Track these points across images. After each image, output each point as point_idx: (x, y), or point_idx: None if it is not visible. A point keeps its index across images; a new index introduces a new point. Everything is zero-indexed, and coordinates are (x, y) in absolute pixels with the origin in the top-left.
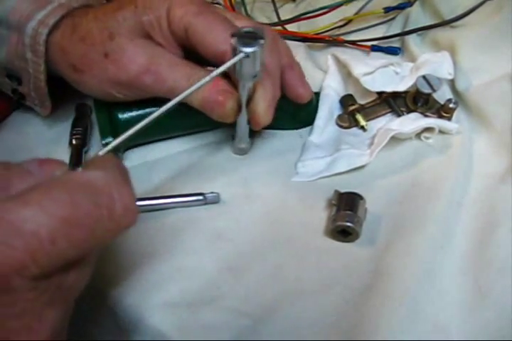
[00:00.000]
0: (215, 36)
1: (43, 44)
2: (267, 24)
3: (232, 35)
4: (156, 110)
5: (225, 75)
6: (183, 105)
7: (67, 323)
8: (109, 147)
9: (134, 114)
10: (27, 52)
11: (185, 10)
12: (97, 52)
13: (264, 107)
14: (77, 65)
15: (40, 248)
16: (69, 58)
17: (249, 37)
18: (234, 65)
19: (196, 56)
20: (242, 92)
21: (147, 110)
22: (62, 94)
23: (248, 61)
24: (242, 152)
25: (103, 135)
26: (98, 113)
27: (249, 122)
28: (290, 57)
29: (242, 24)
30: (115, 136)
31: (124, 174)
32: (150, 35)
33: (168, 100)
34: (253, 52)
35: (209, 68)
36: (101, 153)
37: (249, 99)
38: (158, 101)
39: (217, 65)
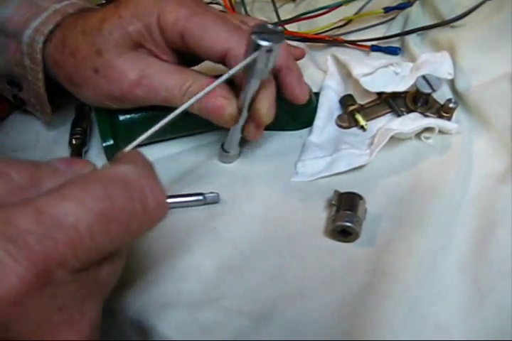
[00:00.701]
0: (212, 37)
1: (39, 52)
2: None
3: (251, 33)
4: (157, 111)
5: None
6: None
7: (101, 318)
8: (135, 143)
9: (134, 115)
10: (25, 60)
11: (177, 15)
12: (87, 67)
13: (267, 106)
14: (72, 79)
15: (80, 241)
16: (64, 72)
17: (268, 32)
18: (248, 62)
19: (190, 57)
20: (247, 92)
21: (148, 112)
22: (62, 94)
23: (265, 57)
24: (229, 159)
25: (103, 137)
26: (98, 115)
27: (242, 131)
28: (288, 57)
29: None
30: (116, 138)
31: (152, 169)
32: (140, 44)
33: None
34: (272, 47)
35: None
36: (127, 149)
37: (251, 102)
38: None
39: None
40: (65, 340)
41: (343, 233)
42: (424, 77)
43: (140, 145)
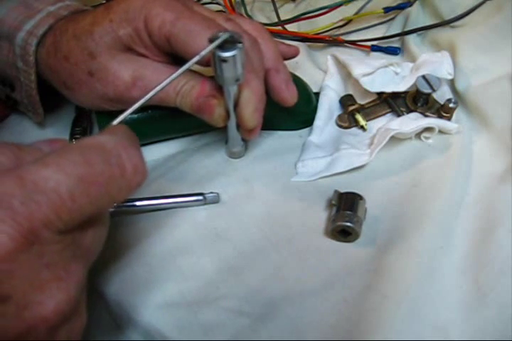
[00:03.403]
0: (197, 42)
1: (32, 54)
2: (266, 24)
3: (210, 41)
4: (157, 111)
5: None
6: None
7: (86, 288)
8: (119, 119)
9: (134, 116)
10: (18, 62)
11: (162, 19)
12: (81, 71)
13: (250, 111)
14: (66, 83)
15: (61, 204)
16: (58, 76)
17: (227, 41)
18: (215, 70)
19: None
20: (227, 97)
21: (148, 112)
22: (61, 94)
23: (228, 65)
24: (236, 155)
25: None
26: (98, 115)
27: (238, 128)
28: (277, 59)
29: (222, 23)
30: None
31: (132, 139)
32: (131, 48)
33: None
34: (232, 57)
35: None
36: (113, 123)
37: (236, 104)
38: None
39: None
40: (53, 297)
41: (343, 233)
42: (424, 77)
43: (141, 145)
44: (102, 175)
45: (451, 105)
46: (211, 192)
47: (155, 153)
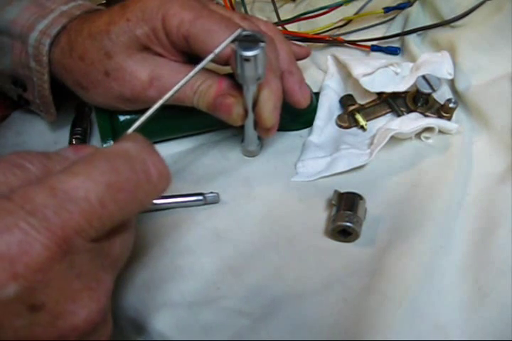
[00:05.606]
0: (215, 42)
1: (46, 54)
2: None
3: (232, 40)
4: (157, 112)
5: (232, 78)
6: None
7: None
8: (134, 127)
9: (134, 116)
10: (31, 62)
11: (181, 18)
12: (97, 71)
13: (269, 110)
14: (81, 83)
15: (92, 211)
16: (73, 76)
17: (249, 40)
18: (237, 69)
19: (199, 56)
20: (247, 96)
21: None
22: (62, 94)
23: (250, 65)
24: (252, 154)
25: (104, 138)
26: (98, 116)
27: (255, 127)
28: (290, 61)
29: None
30: (116, 138)
31: (152, 146)
32: (148, 47)
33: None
34: (254, 56)
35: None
36: (128, 131)
37: (255, 102)
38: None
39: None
40: (85, 307)
41: (343, 233)
42: (424, 77)
43: None
44: (128, 182)
45: (451, 105)
46: (211, 192)
47: None
